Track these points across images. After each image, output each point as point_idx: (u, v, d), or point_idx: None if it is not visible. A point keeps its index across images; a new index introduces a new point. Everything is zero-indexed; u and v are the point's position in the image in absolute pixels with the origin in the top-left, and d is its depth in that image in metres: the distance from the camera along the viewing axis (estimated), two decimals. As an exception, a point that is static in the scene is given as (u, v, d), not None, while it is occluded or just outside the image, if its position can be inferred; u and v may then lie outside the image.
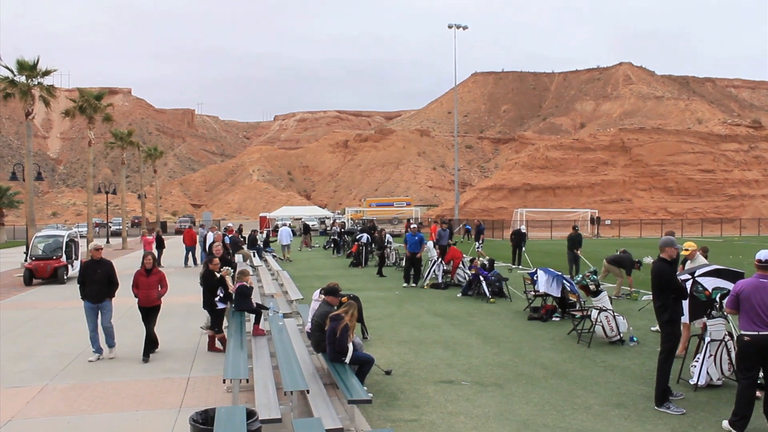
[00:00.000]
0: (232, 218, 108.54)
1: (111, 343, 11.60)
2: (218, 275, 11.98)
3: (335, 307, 9.43)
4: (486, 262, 20.04)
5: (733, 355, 9.13)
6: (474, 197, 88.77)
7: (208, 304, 11.97)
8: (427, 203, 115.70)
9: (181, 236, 32.41)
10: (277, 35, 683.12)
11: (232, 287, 11.93)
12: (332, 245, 38.31)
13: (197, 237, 28.97)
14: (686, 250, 12.28)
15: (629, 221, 72.36)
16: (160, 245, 29.17)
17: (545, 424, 7.90)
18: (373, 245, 29.46)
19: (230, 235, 26.26)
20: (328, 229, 55.83)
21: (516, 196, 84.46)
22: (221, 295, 11.89)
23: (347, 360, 8.75)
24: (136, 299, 11.62)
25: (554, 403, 8.67)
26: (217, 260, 12.43)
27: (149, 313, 11.59)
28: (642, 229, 65.08)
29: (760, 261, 7.72)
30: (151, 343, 11.47)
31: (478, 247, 22.99)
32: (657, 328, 11.84)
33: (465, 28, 65.85)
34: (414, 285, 20.47)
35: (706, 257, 13.12)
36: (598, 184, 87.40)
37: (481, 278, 18.37)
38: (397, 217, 75.27)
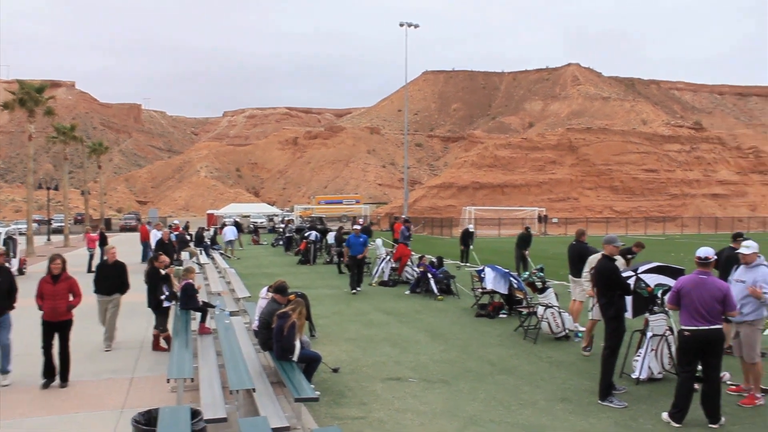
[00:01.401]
0: (179, 215, 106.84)
1: (4, 368, 9.62)
2: (163, 272, 11.76)
3: (283, 305, 9.34)
4: (434, 260, 20.17)
5: (673, 349, 9.35)
6: (423, 195, 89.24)
7: (153, 302, 11.74)
8: (376, 201, 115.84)
9: (132, 233, 31.69)
10: (227, 30, 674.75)
11: (177, 285, 11.72)
12: (281, 242, 38.04)
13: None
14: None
15: (576, 219, 73.63)
16: (104, 243, 28.51)
17: (492, 419, 7.96)
18: (322, 243, 29.43)
19: (176, 233, 25.84)
20: (276, 226, 55.38)
21: (465, 194, 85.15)
22: (167, 293, 11.68)
23: (294, 358, 8.67)
24: (41, 312, 9.64)
25: (501, 399, 8.74)
26: (164, 257, 12.21)
27: (57, 329, 9.53)
28: (588, 227, 66.18)
29: (699, 258, 7.93)
30: (61, 367, 9.52)
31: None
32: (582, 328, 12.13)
33: (416, 26, 65.88)
34: (359, 289, 19.33)
35: (630, 253, 13.38)
36: (546, 182, 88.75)
37: (429, 276, 18.45)
38: (346, 215, 75.10)
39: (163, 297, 11.63)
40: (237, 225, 38.61)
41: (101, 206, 73.31)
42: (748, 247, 8.83)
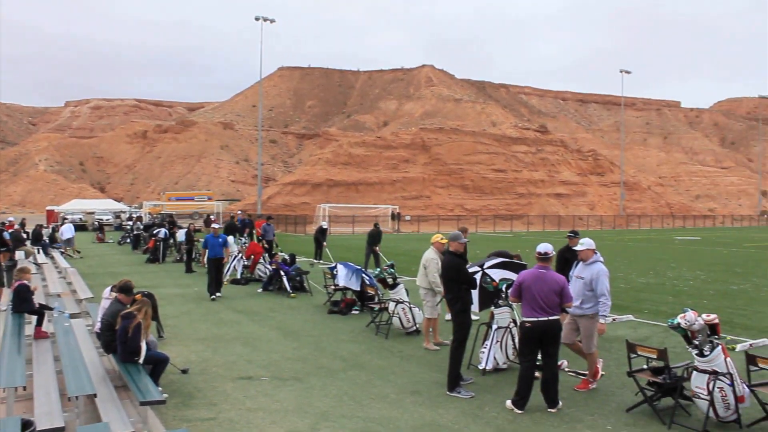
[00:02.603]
0: (14, 212, 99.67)
1: None
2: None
3: (127, 306, 8.93)
4: (287, 257, 20.05)
5: (516, 340, 9.81)
6: (277, 192, 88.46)
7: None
8: (229, 197, 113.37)
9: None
10: (72, 13, 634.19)
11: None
12: (129, 240, 36.44)
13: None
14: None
15: (428, 217, 75.71)
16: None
17: (343, 414, 8.00)
18: (172, 240, 28.52)
19: (9, 231, 24.04)
20: (123, 223, 52.95)
21: (319, 191, 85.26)
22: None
23: (140, 360, 8.31)
24: None
25: (352, 394, 8.81)
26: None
27: None
28: (440, 224, 68.31)
29: (539, 253, 8.38)
30: None
31: (244, 243, 22.95)
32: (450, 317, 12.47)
33: (272, 21, 65.32)
34: (219, 294, 17.52)
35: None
36: (399, 180, 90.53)
37: (282, 273, 18.33)
38: (198, 212, 73.04)
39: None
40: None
41: None
42: (582, 245, 9.41)
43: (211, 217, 44.37)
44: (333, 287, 15.84)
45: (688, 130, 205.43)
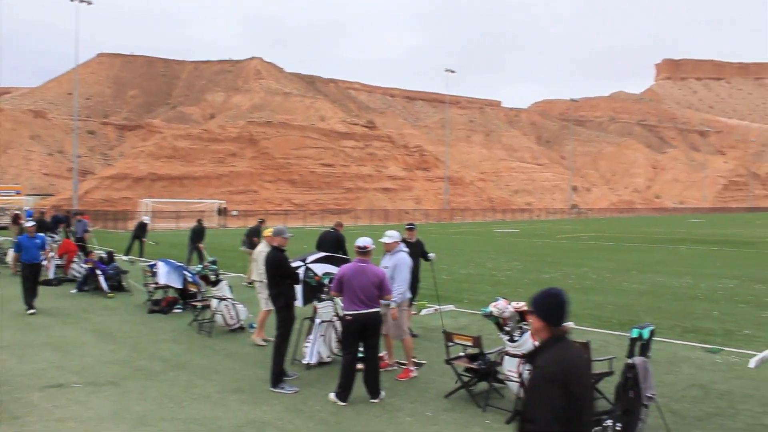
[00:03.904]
0: None
1: None
2: None
3: None
4: (104, 255, 19.04)
5: (340, 333, 9.96)
6: (95, 186, 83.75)
7: None
8: (41, 192, 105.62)
9: None
10: None
11: None
12: None
13: None
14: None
15: (256, 212, 74.75)
16: None
17: (163, 417, 7.73)
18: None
19: None
20: None
21: (141, 185, 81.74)
22: None
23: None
24: None
25: (173, 396, 8.53)
26: None
27: None
28: (268, 219, 67.56)
29: (358, 247, 8.55)
30: None
31: (57, 241, 21.68)
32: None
33: (89, 3, 61.48)
34: (35, 311, 14.72)
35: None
36: (226, 175, 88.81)
37: (99, 272, 17.38)
38: (4, 208, 67.45)
39: None
40: None
41: None
42: (388, 237, 9.75)
43: (19, 213, 41.07)
44: (154, 285, 15.22)
45: (508, 129, 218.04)
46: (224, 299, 12.43)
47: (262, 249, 11.70)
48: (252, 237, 18.65)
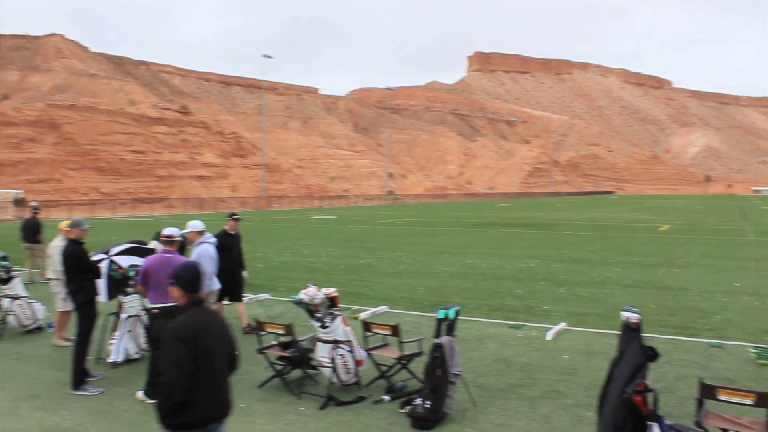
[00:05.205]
0: None
1: None
2: None
3: None
4: None
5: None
6: None
7: None
8: None
9: None
10: None
11: None
12: None
13: None
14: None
15: (59, 202, 69.86)
16: None
17: (-60, 434, 6.96)
18: None
19: None
20: None
21: (-77, 174, 73.71)
22: None
23: None
24: None
25: (-46, 408, 7.70)
26: None
27: None
28: (73, 210, 63.50)
29: (164, 236, 8.17)
30: None
31: None
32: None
33: None
34: None
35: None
36: (24, 162, 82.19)
37: None
38: None
39: None
40: None
41: None
42: (187, 227, 9.59)
43: None
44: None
45: (325, 116, 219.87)
46: (18, 298, 11.43)
47: (57, 243, 10.86)
48: (34, 232, 17.46)
